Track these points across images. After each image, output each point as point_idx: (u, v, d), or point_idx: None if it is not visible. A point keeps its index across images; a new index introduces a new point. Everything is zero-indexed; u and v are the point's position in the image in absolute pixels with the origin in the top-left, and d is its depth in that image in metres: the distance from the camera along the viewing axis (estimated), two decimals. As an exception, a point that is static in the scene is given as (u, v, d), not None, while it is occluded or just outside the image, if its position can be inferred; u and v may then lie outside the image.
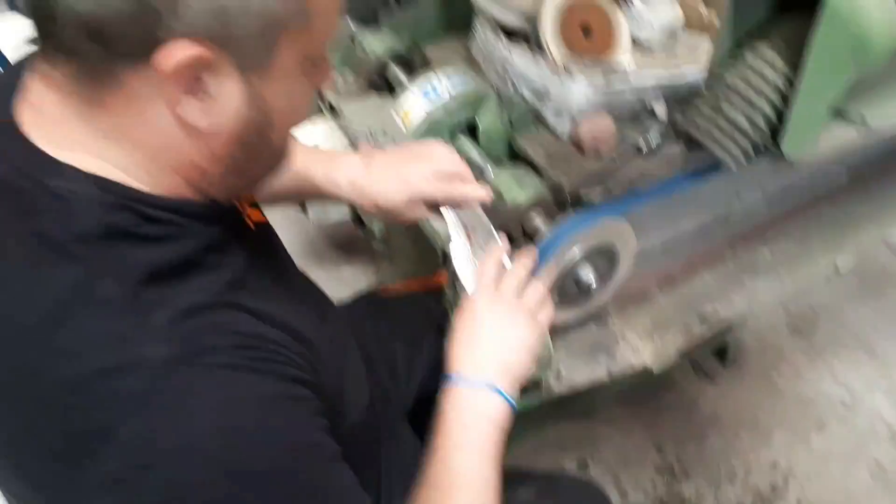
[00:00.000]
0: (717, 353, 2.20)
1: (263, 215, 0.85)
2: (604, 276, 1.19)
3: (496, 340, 0.88)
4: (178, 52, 0.54)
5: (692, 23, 1.56)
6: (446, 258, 1.07)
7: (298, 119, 0.67)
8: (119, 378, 0.55)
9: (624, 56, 1.43)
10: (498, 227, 1.14)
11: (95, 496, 0.56)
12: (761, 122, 1.01)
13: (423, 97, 1.36)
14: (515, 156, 1.41)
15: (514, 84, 1.44)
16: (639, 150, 1.36)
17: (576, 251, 1.12)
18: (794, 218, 1.41)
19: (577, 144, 1.38)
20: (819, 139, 1.05)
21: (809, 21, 0.99)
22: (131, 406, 0.55)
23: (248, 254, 0.68)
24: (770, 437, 2.08)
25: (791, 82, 0.99)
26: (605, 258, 1.17)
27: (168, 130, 0.59)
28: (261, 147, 0.65)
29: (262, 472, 0.58)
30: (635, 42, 1.48)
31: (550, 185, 1.28)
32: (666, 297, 1.31)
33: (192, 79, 0.56)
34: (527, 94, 1.42)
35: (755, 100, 1.00)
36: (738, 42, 1.05)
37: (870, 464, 2.04)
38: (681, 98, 1.42)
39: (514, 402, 0.86)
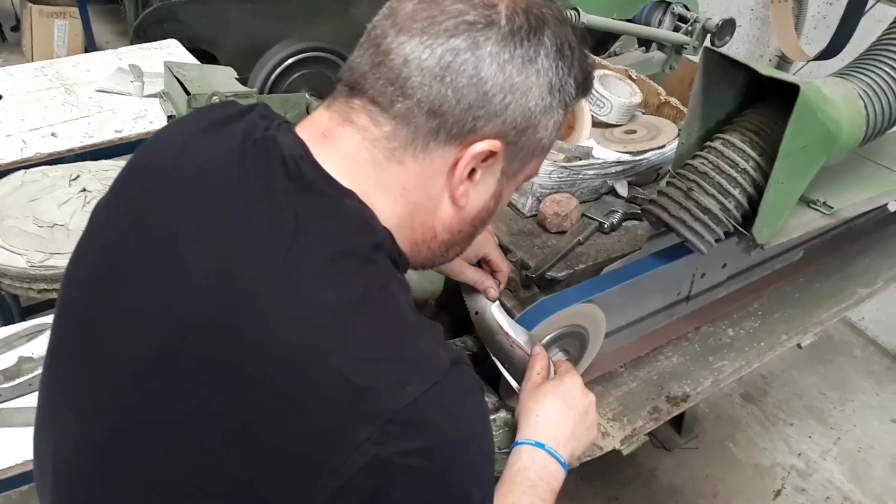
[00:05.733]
0: (672, 421, 2.19)
1: None
2: (574, 358, 1.17)
3: (585, 427, 0.97)
4: (486, 143, 0.70)
5: (652, 106, 1.60)
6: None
7: (495, 219, 0.83)
8: (409, 371, 0.63)
9: (586, 136, 1.45)
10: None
11: (341, 480, 0.59)
12: (733, 209, 1.02)
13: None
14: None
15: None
16: (602, 228, 1.36)
17: (547, 336, 1.10)
18: (754, 296, 1.42)
19: (541, 222, 1.37)
20: (787, 224, 1.07)
21: (777, 112, 1.02)
22: (420, 392, 0.61)
23: None
24: (729, 509, 2.08)
25: (762, 170, 1.00)
26: (575, 341, 1.16)
27: (436, 198, 0.73)
28: (475, 231, 0.80)
29: (489, 480, 0.71)
30: (597, 123, 1.51)
31: (515, 263, 1.27)
32: (633, 377, 1.29)
33: (474, 166, 0.71)
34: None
35: (727, 187, 1.01)
36: (707, 131, 1.07)
37: (827, 534, 2.05)
38: (645, 176, 1.43)
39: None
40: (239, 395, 0.62)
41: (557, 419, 0.95)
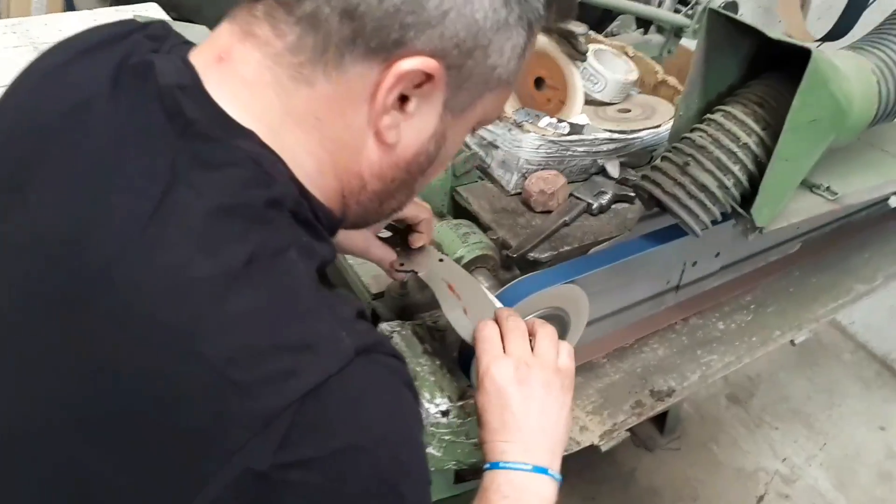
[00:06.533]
0: (655, 420, 2.13)
1: None
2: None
3: (536, 414, 0.80)
4: (417, 61, 0.55)
5: (648, 86, 1.52)
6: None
7: (443, 168, 0.70)
8: (297, 360, 0.51)
9: (578, 112, 1.37)
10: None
11: (208, 498, 0.49)
12: (732, 187, 0.94)
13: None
14: (458, 208, 1.32)
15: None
16: (590, 209, 1.29)
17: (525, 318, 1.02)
18: (747, 288, 1.35)
19: (525, 200, 1.29)
20: (787, 208, 0.99)
21: (784, 84, 0.94)
22: (309, 388, 0.50)
23: None
24: (709, 513, 2.01)
25: (764, 146, 0.93)
26: (556, 325, 1.08)
27: (358, 133, 0.60)
28: (413, 181, 0.66)
29: (417, 480, 0.58)
30: (590, 101, 1.43)
31: (496, 243, 1.19)
32: (615, 369, 1.22)
33: (406, 93, 0.58)
34: (472, 143, 1.34)
35: (727, 162, 0.93)
36: (707, 103, 0.99)
37: (810, 544, 1.99)
38: (637, 157, 1.36)
39: (560, 479, 0.79)
40: (90, 387, 0.52)
41: (508, 426, 0.79)
